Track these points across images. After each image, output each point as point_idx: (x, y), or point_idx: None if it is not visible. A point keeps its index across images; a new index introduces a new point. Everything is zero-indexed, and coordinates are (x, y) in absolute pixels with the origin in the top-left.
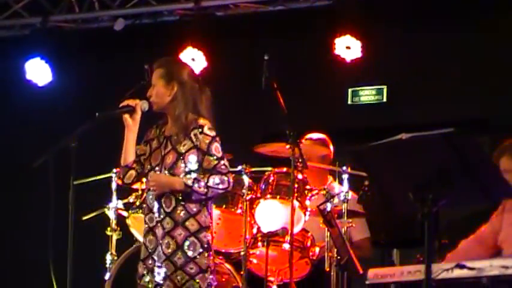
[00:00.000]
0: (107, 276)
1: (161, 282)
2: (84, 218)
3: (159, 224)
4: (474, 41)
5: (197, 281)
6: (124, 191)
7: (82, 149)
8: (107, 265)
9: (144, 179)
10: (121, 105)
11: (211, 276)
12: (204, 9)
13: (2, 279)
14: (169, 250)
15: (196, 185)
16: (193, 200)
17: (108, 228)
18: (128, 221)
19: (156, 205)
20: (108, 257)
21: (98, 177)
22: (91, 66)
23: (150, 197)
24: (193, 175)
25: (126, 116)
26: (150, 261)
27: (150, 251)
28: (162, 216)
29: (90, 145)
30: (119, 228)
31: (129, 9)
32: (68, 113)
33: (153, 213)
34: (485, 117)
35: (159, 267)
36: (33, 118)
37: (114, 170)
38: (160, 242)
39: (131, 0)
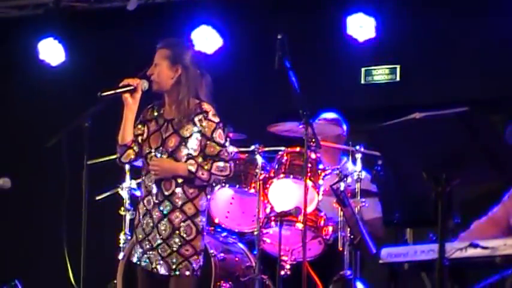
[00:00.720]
0: (121, 256)
1: (157, 263)
2: (98, 197)
3: (156, 207)
4: (488, 20)
5: (191, 261)
6: (137, 171)
7: (95, 128)
8: (121, 245)
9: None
10: (121, 84)
11: (202, 259)
12: None
13: (17, 258)
14: (166, 233)
15: (200, 172)
16: (194, 185)
17: (122, 208)
18: None
19: (155, 188)
20: (122, 237)
21: (111, 157)
22: (104, 47)
23: (150, 179)
24: (197, 160)
25: (127, 95)
26: (146, 243)
27: (146, 232)
28: (160, 199)
29: (103, 125)
30: (132, 208)
31: None
32: (81, 92)
33: (152, 195)
34: (498, 96)
35: (155, 248)
36: (46, 98)
37: None
38: (157, 224)
39: None
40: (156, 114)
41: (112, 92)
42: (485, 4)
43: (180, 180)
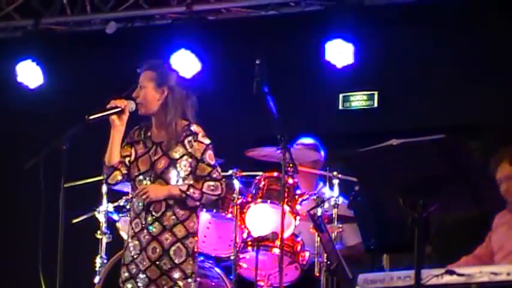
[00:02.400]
0: (97, 279)
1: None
2: (75, 221)
3: (145, 229)
4: (466, 47)
5: (180, 285)
6: (114, 194)
7: (73, 151)
8: (97, 268)
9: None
10: (109, 106)
11: (194, 282)
12: (196, 13)
13: None
14: (155, 255)
15: (191, 190)
16: (185, 207)
17: (98, 232)
18: (118, 224)
19: (144, 209)
20: (98, 260)
21: (89, 180)
22: (82, 69)
23: (139, 202)
24: (187, 181)
25: (114, 117)
26: (133, 266)
27: (134, 256)
28: (150, 221)
29: (81, 148)
30: (109, 232)
31: (121, 12)
32: (59, 115)
33: (140, 218)
34: (476, 123)
35: (142, 272)
36: (24, 121)
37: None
38: (146, 246)
39: (123, 4)
40: (143, 136)
41: (100, 114)
42: (463, 31)
43: (170, 202)
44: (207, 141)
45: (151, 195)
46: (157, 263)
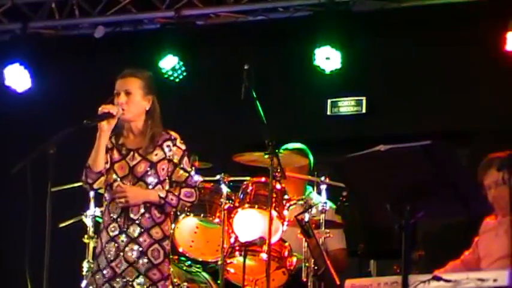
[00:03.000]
0: (84, 284)
1: None
2: (62, 225)
3: (123, 232)
4: (454, 53)
5: (158, 286)
6: (102, 199)
7: (60, 155)
8: (84, 273)
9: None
10: (102, 111)
11: (169, 285)
12: (184, 18)
13: None
14: (133, 256)
15: (169, 197)
16: (161, 210)
17: (85, 236)
18: None
19: (121, 213)
20: (85, 265)
21: (76, 185)
22: (70, 73)
23: (115, 207)
24: (164, 186)
25: (104, 122)
26: (108, 270)
27: (109, 260)
28: (128, 223)
29: (68, 152)
30: (96, 236)
31: (110, 16)
32: (46, 119)
33: (117, 222)
34: (464, 129)
35: (119, 275)
36: (11, 124)
37: None
38: (124, 249)
39: (112, 8)
40: (114, 143)
41: (96, 119)
42: (452, 37)
43: (148, 204)
44: (184, 146)
45: (130, 201)
46: (135, 264)
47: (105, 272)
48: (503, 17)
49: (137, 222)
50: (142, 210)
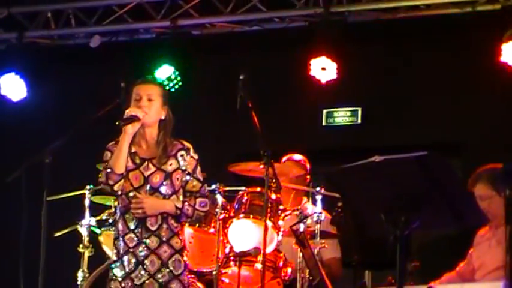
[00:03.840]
0: None
1: None
2: (57, 234)
3: (142, 243)
4: (449, 64)
5: None
6: (97, 208)
7: (56, 165)
8: (79, 282)
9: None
10: (129, 114)
11: None
12: (180, 28)
13: None
14: (154, 268)
15: (186, 207)
16: (178, 220)
17: (80, 245)
18: (100, 238)
19: (139, 224)
20: (80, 274)
21: (71, 194)
22: (66, 83)
23: (131, 217)
24: (179, 196)
25: (130, 126)
26: (127, 281)
27: (128, 271)
28: (146, 235)
29: (64, 161)
30: (91, 245)
31: (106, 26)
32: (42, 128)
33: (134, 233)
34: (458, 141)
35: (138, 286)
36: (6, 133)
37: (88, 187)
38: (144, 261)
39: (108, 17)
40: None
41: (124, 122)
42: (447, 48)
43: (165, 215)
44: (197, 156)
45: (148, 212)
46: (156, 275)
47: (124, 283)
48: (498, 28)
49: (156, 233)
50: (160, 222)
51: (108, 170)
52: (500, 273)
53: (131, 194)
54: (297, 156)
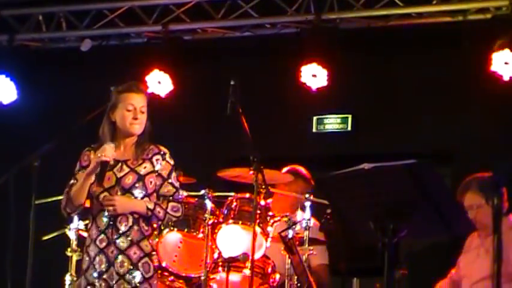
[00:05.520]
0: None
1: None
2: (45, 237)
3: (112, 244)
4: (439, 72)
5: None
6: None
7: (44, 168)
8: (66, 286)
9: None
10: (100, 159)
11: None
12: (171, 33)
13: None
14: (124, 269)
15: (157, 210)
16: (148, 223)
17: (69, 249)
18: None
19: (110, 225)
20: (68, 278)
21: (60, 197)
22: (57, 86)
23: (102, 219)
24: (152, 199)
25: (94, 164)
26: (101, 283)
27: (100, 272)
28: (116, 236)
29: (52, 165)
30: (79, 249)
31: (97, 30)
32: (31, 131)
33: (105, 234)
34: (448, 149)
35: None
36: None
37: None
38: (114, 261)
39: (99, 21)
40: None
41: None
42: (438, 57)
43: (136, 216)
44: (173, 162)
45: (118, 209)
46: (126, 277)
47: (98, 284)
48: (489, 37)
49: (126, 234)
50: (130, 223)
51: (67, 197)
52: (488, 283)
53: (102, 195)
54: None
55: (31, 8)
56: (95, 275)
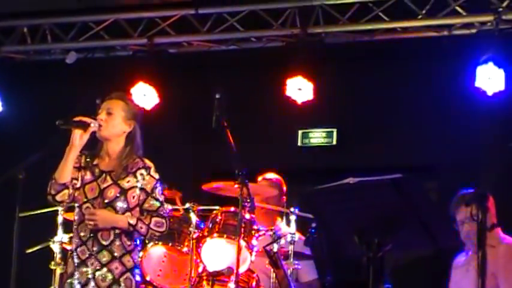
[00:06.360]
0: None
1: None
2: (29, 250)
3: (93, 257)
4: (424, 87)
5: None
6: (70, 225)
7: (29, 181)
8: None
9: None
10: (76, 119)
11: None
12: (157, 46)
13: None
14: (105, 283)
15: (139, 225)
16: (131, 238)
17: (52, 262)
18: None
19: (91, 237)
20: None
21: (44, 210)
22: (42, 98)
23: (85, 229)
24: (135, 213)
25: (77, 134)
26: None
27: (82, 283)
28: (97, 249)
29: (37, 177)
30: (63, 263)
31: (82, 42)
32: (16, 143)
33: (87, 245)
34: (434, 163)
35: None
36: None
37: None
38: (95, 273)
39: (84, 34)
40: (88, 163)
41: (70, 123)
42: (423, 71)
43: (118, 231)
44: (157, 176)
45: (99, 224)
46: None
47: None
48: (473, 52)
49: (107, 248)
50: (112, 237)
51: (52, 181)
52: None
53: (85, 205)
54: (272, 176)
55: (16, 20)
56: (78, 286)
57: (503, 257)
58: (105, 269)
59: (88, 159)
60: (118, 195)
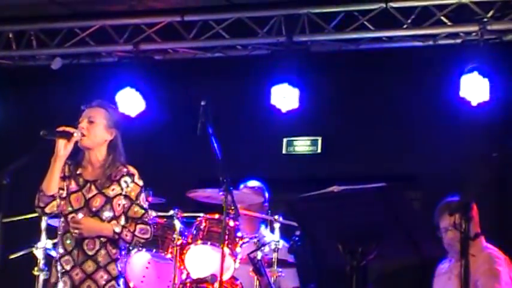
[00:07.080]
0: None
1: None
2: (12, 256)
3: (78, 267)
4: (409, 96)
5: None
6: (53, 231)
7: (13, 186)
8: None
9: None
10: (60, 129)
11: None
12: (142, 52)
13: None
14: None
15: (124, 233)
16: (116, 246)
17: (36, 268)
18: None
19: (76, 247)
20: None
21: (28, 216)
22: (27, 104)
23: (70, 239)
24: (119, 221)
25: (61, 144)
26: None
27: None
28: (82, 259)
29: (21, 183)
30: (46, 269)
31: (68, 48)
32: (1, 149)
33: (71, 255)
34: (416, 172)
35: None
36: None
37: None
38: (79, 285)
39: (70, 40)
40: (72, 173)
41: (53, 134)
42: (407, 81)
43: (103, 240)
44: (142, 183)
45: (84, 233)
46: None
47: None
48: (458, 62)
49: (92, 258)
50: (98, 247)
51: (40, 193)
52: None
53: (70, 215)
54: (254, 183)
55: (1, 25)
56: None
57: (483, 264)
58: (90, 280)
59: (71, 169)
60: (104, 204)
